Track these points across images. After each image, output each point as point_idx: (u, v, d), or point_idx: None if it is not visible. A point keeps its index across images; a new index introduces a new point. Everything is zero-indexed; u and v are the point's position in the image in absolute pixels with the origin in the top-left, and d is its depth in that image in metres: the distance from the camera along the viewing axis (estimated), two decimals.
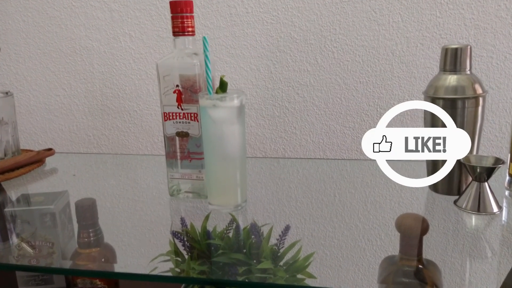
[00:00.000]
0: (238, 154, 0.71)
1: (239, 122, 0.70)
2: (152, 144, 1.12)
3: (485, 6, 0.90)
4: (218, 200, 0.73)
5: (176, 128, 0.76)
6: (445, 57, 0.73)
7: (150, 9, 1.04)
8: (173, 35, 0.75)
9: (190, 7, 0.74)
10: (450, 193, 0.74)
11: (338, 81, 0.99)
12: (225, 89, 0.70)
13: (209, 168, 0.73)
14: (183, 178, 0.78)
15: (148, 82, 1.09)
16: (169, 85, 0.75)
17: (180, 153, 0.77)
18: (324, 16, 0.96)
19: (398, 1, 0.93)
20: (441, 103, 0.71)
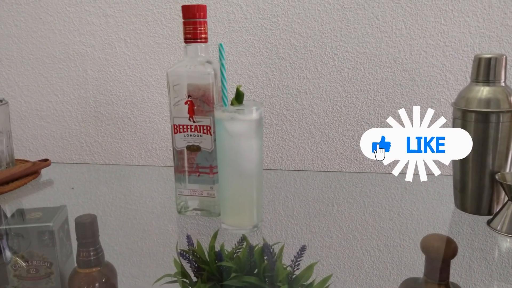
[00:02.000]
0: (255, 171, 0.67)
1: (258, 136, 0.66)
2: (146, 151, 1.09)
3: (490, 14, 0.88)
4: (233, 220, 0.69)
5: (186, 142, 0.71)
6: (478, 67, 0.68)
7: (146, 15, 1.01)
8: (185, 41, 0.71)
9: (203, 12, 0.70)
10: (479, 212, 0.70)
11: (338, 89, 0.97)
12: (241, 100, 0.66)
13: (224, 185, 0.68)
14: (193, 195, 0.73)
15: (143, 88, 1.06)
16: (180, 95, 0.70)
17: (188, 167, 0.73)
18: (325, 22, 0.94)
19: (401, 8, 0.90)
20: (473, 117, 0.67)
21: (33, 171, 0.91)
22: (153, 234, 0.74)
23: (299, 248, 0.56)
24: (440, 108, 0.94)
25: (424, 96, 0.94)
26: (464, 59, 0.91)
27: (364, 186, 0.94)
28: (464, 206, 0.72)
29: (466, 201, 0.71)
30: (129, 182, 1.02)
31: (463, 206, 0.72)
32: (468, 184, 0.69)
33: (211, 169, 0.72)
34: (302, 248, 0.56)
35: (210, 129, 0.70)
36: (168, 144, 1.07)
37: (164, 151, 1.08)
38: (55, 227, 0.53)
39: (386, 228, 0.73)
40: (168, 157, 1.08)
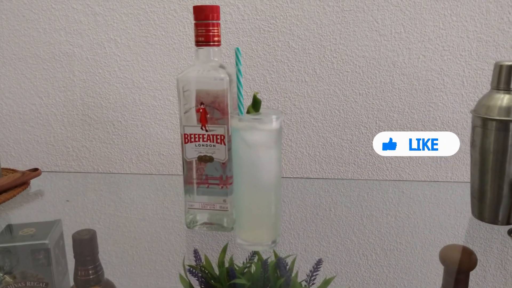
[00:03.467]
0: (274, 183, 0.63)
1: (277, 146, 0.62)
2: (137, 157, 1.05)
3: (488, 19, 0.89)
4: (250, 235, 0.66)
5: (198, 152, 0.68)
6: (499, 74, 0.68)
7: (138, 14, 0.97)
8: (196, 45, 0.67)
9: (217, 13, 0.65)
10: (497, 222, 0.70)
11: (337, 92, 0.96)
12: (258, 108, 0.62)
13: (240, 197, 0.65)
14: (204, 208, 0.70)
15: (134, 91, 1.01)
16: (192, 102, 0.66)
17: (196, 178, 0.69)
18: (324, 25, 0.93)
19: (401, 11, 0.90)
20: (494, 125, 0.67)
21: (22, 181, 0.86)
22: (157, 249, 0.70)
23: (315, 262, 0.54)
24: (437, 112, 0.94)
25: (422, 100, 0.94)
26: (461, 64, 0.91)
27: (374, 193, 0.93)
28: (482, 215, 0.71)
29: (484, 210, 0.70)
30: (124, 191, 0.98)
31: (481, 215, 0.72)
32: (487, 193, 0.69)
33: (222, 180, 0.69)
34: (318, 262, 0.54)
35: (224, 138, 0.66)
36: (160, 149, 1.04)
37: (157, 156, 1.04)
38: (51, 245, 0.49)
39: (401, 238, 0.72)
40: (161, 162, 1.05)
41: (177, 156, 1.04)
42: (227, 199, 0.69)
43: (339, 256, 0.67)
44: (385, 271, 0.63)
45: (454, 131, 0.94)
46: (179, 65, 0.98)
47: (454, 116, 0.94)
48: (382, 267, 0.64)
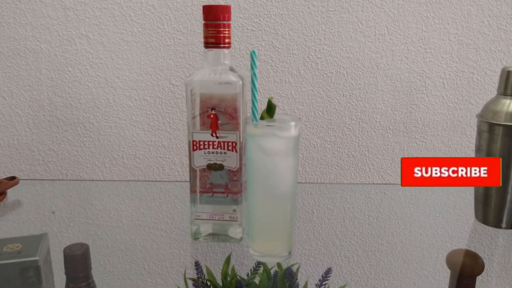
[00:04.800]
0: (290, 192, 0.61)
1: (295, 154, 0.60)
2: (111, 160, 0.99)
3: (469, 22, 0.90)
4: (265, 247, 0.62)
5: (207, 160, 0.64)
6: (506, 80, 0.68)
7: (113, 8, 0.91)
8: (206, 46, 0.63)
9: (228, 13, 0.62)
10: (501, 226, 0.70)
11: (321, 94, 0.94)
12: (273, 113, 0.60)
13: (255, 207, 0.62)
14: (212, 219, 0.66)
15: (108, 90, 0.96)
16: (201, 108, 0.62)
17: (200, 186, 0.65)
18: (308, 25, 0.91)
19: (385, 13, 0.90)
20: (501, 130, 0.67)
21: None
22: (156, 263, 0.66)
23: (324, 271, 0.52)
24: (419, 114, 0.95)
25: (404, 102, 0.94)
26: (442, 66, 0.92)
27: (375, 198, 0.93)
28: (486, 219, 0.72)
29: (488, 214, 0.71)
30: (98, 200, 0.93)
31: (485, 219, 0.72)
32: (492, 197, 0.70)
33: (227, 188, 0.65)
34: (327, 271, 0.52)
35: (236, 145, 0.63)
36: (136, 152, 0.98)
37: (132, 160, 0.99)
38: (41, 261, 0.45)
39: (405, 242, 0.72)
40: (137, 166, 0.99)
41: (155, 160, 0.99)
42: (237, 209, 0.65)
43: (339, 261, 0.65)
44: (389, 275, 0.62)
45: (434, 133, 0.95)
46: (157, 64, 0.93)
47: (435, 118, 0.95)
48: (386, 271, 0.63)
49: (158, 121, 0.97)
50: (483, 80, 0.93)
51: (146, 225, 0.78)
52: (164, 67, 0.94)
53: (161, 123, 0.97)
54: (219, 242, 0.68)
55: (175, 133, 0.97)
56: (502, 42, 0.91)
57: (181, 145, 0.98)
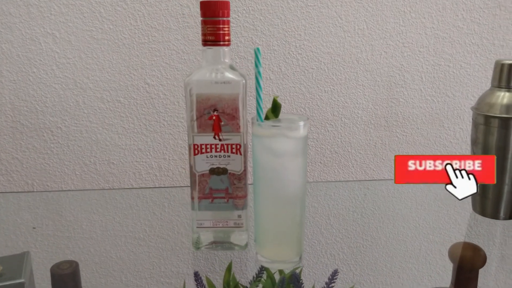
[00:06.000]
0: (300, 194, 0.58)
1: (303, 154, 0.57)
2: (81, 167, 0.92)
3: (444, 16, 0.92)
4: (275, 253, 0.60)
5: (210, 164, 0.60)
6: (500, 72, 0.69)
7: (81, 4, 0.85)
8: (204, 44, 0.59)
9: (227, 9, 0.58)
10: (498, 217, 0.71)
11: (302, 90, 0.93)
12: (278, 113, 0.57)
13: (263, 212, 0.59)
14: (215, 226, 0.62)
15: (77, 92, 0.89)
16: (202, 109, 0.59)
17: (198, 192, 0.62)
18: (288, 20, 0.89)
19: (363, 8, 0.90)
20: (496, 122, 0.67)
21: None
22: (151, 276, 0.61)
23: (331, 273, 0.50)
24: (399, 108, 0.95)
25: (384, 96, 0.95)
26: (420, 60, 0.94)
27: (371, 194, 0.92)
28: (484, 211, 0.72)
29: (486, 205, 0.71)
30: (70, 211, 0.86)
31: (483, 210, 0.72)
32: (489, 188, 0.70)
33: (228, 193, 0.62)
34: (333, 273, 0.50)
35: (240, 148, 0.60)
36: (110, 158, 0.92)
37: (106, 165, 0.93)
38: (26, 284, 0.40)
39: (405, 236, 0.71)
40: (111, 172, 0.93)
41: (131, 165, 0.93)
42: (243, 214, 0.62)
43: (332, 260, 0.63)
44: (390, 270, 0.61)
45: (414, 126, 0.96)
46: (130, 63, 0.88)
47: (414, 111, 0.96)
48: (387, 266, 0.61)
49: (133, 123, 0.91)
50: (459, 73, 0.95)
51: (130, 236, 0.73)
52: (138, 66, 0.89)
53: (137, 126, 0.91)
54: (223, 251, 0.64)
55: (152, 135, 0.92)
56: (476, 35, 0.93)
57: (158, 148, 0.93)
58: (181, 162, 0.94)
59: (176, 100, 0.91)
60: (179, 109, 0.91)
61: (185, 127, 0.92)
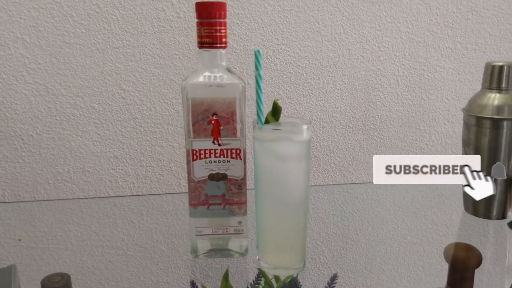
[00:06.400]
0: (304, 199, 0.57)
1: (307, 158, 0.57)
2: (55, 175, 0.89)
3: (418, 21, 0.93)
4: (279, 259, 0.59)
5: (209, 170, 0.59)
6: (491, 74, 0.70)
7: (52, 8, 0.83)
8: (200, 47, 0.58)
9: (224, 10, 0.57)
10: (491, 217, 0.72)
11: (281, 95, 0.92)
12: (278, 116, 0.56)
13: (266, 217, 0.58)
14: (215, 233, 0.61)
15: (48, 98, 0.86)
16: (201, 113, 0.57)
17: (194, 198, 0.60)
18: (266, 24, 0.89)
19: (340, 12, 0.90)
20: (488, 123, 0.68)
21: None
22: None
23: (330, 277, 0.50)
24: (376, 111, 0.96)
25: (362, 100, 0.95)
26: (396, 64, 0.95)
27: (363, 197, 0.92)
28: (476, 211, 0.73)
29: (478, 206, 0.72)
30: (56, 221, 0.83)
31: (475, 211, 0.73)
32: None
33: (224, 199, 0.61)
34: (333, 277, 0.50)
35: (241, 152, 0.59)
36: (85, 165, 0.90)
37: (80, 173, 0.90)
38: None
39: (399, 238, 0.71)
40: (86, 180, 0.90)
41: (106, 172, 0.91)
42: (243, 221, 0.61)
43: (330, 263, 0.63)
44: (388, 272, 0.61)
45: (391, 129, 0.97)
46: (104, 68, 0.86)
47: (391, 115, 0.97)
48: (384, 268, 0.62)
49: (109, 129, 0.89)
50: (433, 77, 0.97)
51: (107, 245, 0.71)
52: (113, 71, 0.86)
53: (112, 132, 0.89)
54: (222, 258, 0.63)
55: (128, 142, 0.90)
56: (449, 39, 0.95)
57: (135, 155, 0.91)
58: (159, 168, 0.92)
59: (153, 105, 0.89)
60: (156, 114, 0.89)
61: (162, 133, 0.91)
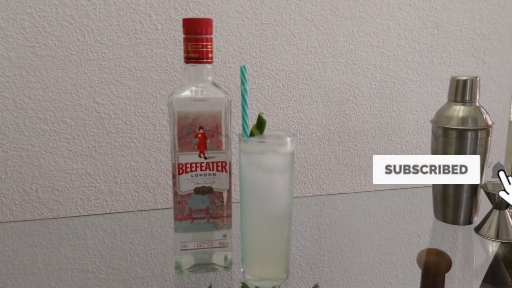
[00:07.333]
0: (288, 210, 0.58)
1: (291, 170, 0.57)
2: (22, 195, 0.84)
3: (388, 35, 0.97)
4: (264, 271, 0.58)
5: (195, 183, 0.58)
6: (456, 88, 0.73)
7: (22, 19, 0.79)
8: (187, 62, 0.58)
9: (210, 26, 0.58)
10: (459, 222, 0.75)
11: (259, 107, 0.92)
12: (263, 129, 0.57)
13: (251, 229, 0.58)
14: (201, 248, 0.60)
15: (17, 113, 0.81)
16: (186, 127, 0.57)
17: (177, 212, 0.59)
18: (243, 37, 0.89)
19: (315, 26, 0.92)
20: (454, 134, 0.71)
21: None
22: None
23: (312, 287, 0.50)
24: (350, 122, 0.98)
25: (337, 112, 0.97)
26: (368, 77, 0.98)
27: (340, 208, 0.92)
28: (445, 217, 0.76)
29: (447, 212, 0.75)
30: (23, 244, 0.77)
31: (444, 217, 0.76)
32: (449, 196, 0.73)
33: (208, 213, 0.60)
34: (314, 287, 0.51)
35: (226, 165, 0.59)
36: (55, 184, 0.85)
37: (49, 192, 0.85)
38: None
39: (374, 247, 0.72)
40: (56, 200, 0.85)
41: (78, 190, 0.86)
42: (228, 234, 0.60)
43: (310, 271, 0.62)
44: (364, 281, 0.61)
45: (365, 140, 0.99)
46: (77, 81, 0.83)
47: (364, 126, 1.00)
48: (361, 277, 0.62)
49: (81, 145, 0.85)
50: (403, 89, 1.00)
51: (78, 269, 0.66)
52: (86, 84, 0.83)
53: (85, 148, 0.85)
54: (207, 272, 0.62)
55: (102, 158, 0.86)
56: (417, 53, 0.99)
57: (109, 171, 0.87)
58: (134, 185, 0.89)
59: (128, 119, 0.86)
60: (132, 128, 0.87)
61: (138, 147, 0.88)
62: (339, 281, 0.61)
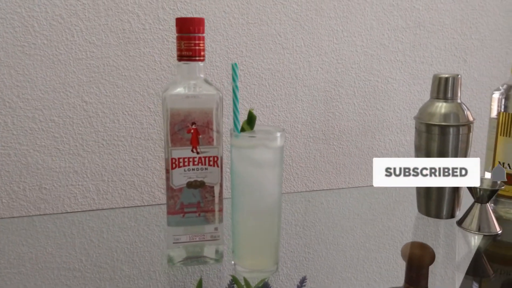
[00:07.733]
0: (278, 203, 0.60)
1: (281, 164, 0.59)
2: (9, 194, 0.84)
3: (372, 35, 0.99)
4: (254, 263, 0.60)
5: (187, 178, 0.60)
6: (438, 85, 0.75)
7: (12, 18, 0.79)
8: (180, 60, 0.60)
9: (202, 25, 0.59)
10: (441, 216, 0.77)
11: (245, 106, 0.94)
12: (253, 125, 0.59)
13: (242, 222, 0.60)
14: (193, 241, 0.61)
15: (5, 112, 0.82)
16: (179, 123, 0.59)
17: (169, 206, 0.61)
18: (230, 37, 0.91)
19: (300, 26, 0.94)
20: (437, 130, 0.73)
21: None
22: None
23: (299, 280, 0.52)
24: (335, 121, 1.00)
25: (321, 110, 0.99)
26: (352, 75, 1.00)
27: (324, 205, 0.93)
28: (428, 211, 0.78)
29: (430, 206, 0.77)
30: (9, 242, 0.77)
31: (427, 211, 0.78)
32: (432, 190, 0.75)
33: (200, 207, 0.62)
34: (302, 280, 0.52)
35: (218, 160, 0.61)
36: (42, 182, 0.85)
37: (37, 191, 0.85)
38: None
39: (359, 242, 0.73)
40: (43, 198, 0.86)
41: (65, 189, 0.87)
42: (219, 227, 0.62)
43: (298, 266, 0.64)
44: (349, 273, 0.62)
45: (349, 139, 1.01)
46: (66, 80, 0.83)
47: (349, 124, 1.02)
48: (348, 270, 0.63)
49: (69, 144, 0.86)
50: (386, 88, 1.03)
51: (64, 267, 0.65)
52: (75, 83, 0.84)
53: (72, 146, 0.86)
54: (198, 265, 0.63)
55: (90, 156, 0.87)
56: (400, 53, 1.02)
57: (96, 170, 0.88)
58: (121, 183, 0.90)
59: (116, 118, 0.87)
60: (119, 127, 0.88)
61: (125, 146, 0.89)
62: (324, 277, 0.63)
